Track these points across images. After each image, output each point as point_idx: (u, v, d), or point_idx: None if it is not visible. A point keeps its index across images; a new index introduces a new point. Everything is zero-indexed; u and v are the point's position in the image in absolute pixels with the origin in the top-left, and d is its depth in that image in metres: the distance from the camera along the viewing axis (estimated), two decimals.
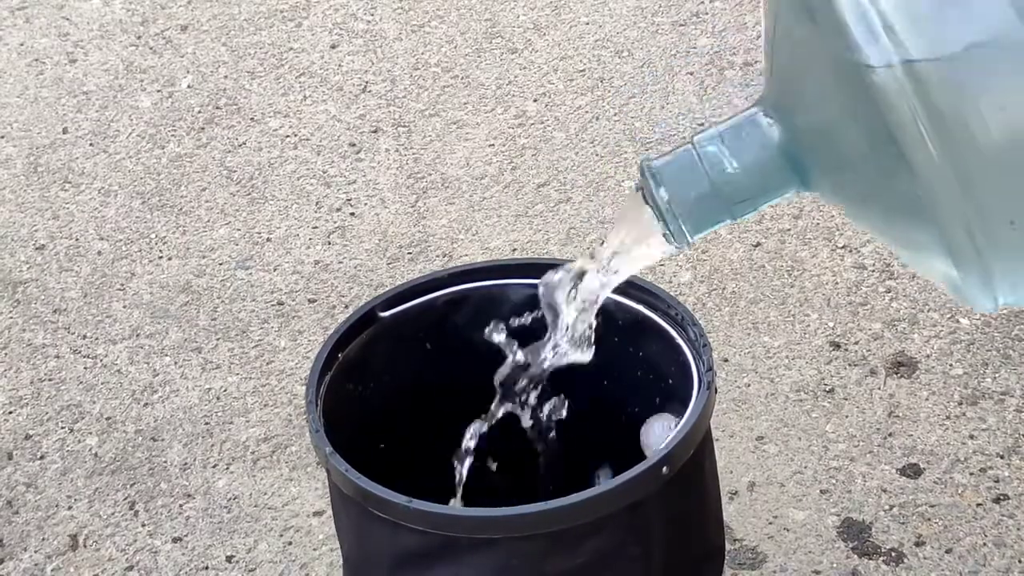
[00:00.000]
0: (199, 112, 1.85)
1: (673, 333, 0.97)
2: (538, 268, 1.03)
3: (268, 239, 1.65)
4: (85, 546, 1.33)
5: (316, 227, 1.66)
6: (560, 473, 1.04)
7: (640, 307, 1.00)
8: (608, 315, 1.01)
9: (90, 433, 1.44)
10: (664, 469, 0.87)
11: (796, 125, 0.81)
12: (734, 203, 0.84)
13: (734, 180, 0.83)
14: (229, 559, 1.30)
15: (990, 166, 0.73)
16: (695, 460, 0.90)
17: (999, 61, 0.72)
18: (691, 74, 1.82)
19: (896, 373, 1.41)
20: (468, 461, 1.00)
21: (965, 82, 0.72)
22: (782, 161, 0.82)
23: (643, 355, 1.00)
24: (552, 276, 0.93)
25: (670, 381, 0.97)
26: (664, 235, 0.85)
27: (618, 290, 1.01)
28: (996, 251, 0.75)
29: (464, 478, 1.00)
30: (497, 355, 1.04)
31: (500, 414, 1.00)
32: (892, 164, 0.74)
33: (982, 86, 0.72)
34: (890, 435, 1.35)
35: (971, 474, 1.31)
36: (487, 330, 1.00)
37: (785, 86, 0.82)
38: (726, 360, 1.44)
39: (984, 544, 1.25)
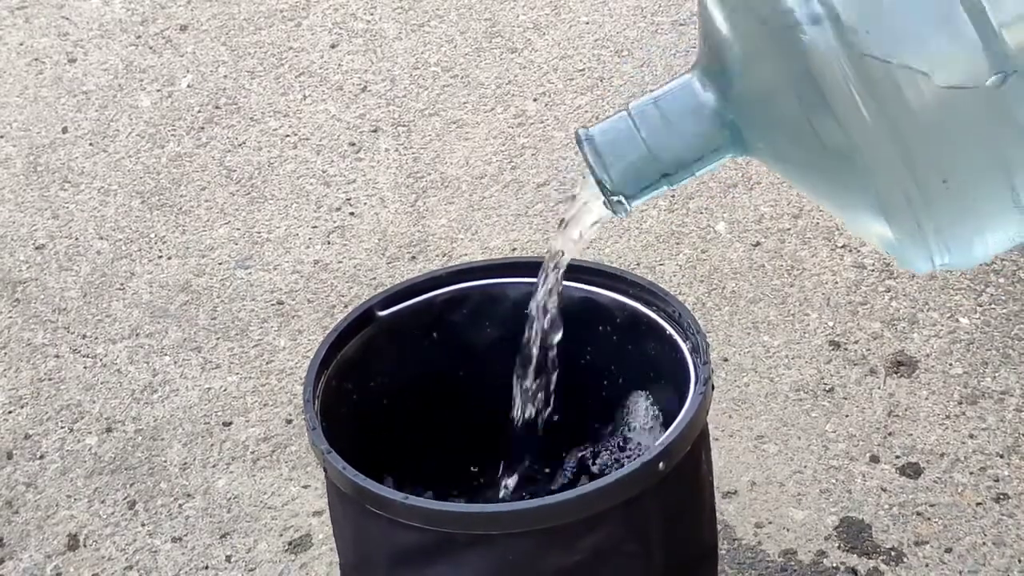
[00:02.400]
0: (199, 112, 1.85)
1: (670, 330, 0.97)
2: (536, 267, 1.03)
3: (268, 239, 1.65)
4: (85, 546, 1.33)
5: (316, 227, 1.66)
6: (557, 470, 1.04)
7: (637, 304, 1.00)
8: (606, 313, 1.01)
9: (90, 433, 1.44)
10: (661, 465, 0.87)
11: (729, 89, 0.81)
12: (671, 170, 0.83)
13: (670, 146, 0.82)
14: (229, 559, 1.30)
15: (922, 127, 0.73)
16: (692, 456, 0.90)
17: (928, 25, 0.72)
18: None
19: (896, 372, 1.41)
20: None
21: (896, 45, 0.72)
22: (717, 125, 0.82)
23: (641, 352, 1.00)
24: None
25: (668, 378, 0.97)
26: (604, 202, 0.84)
27: (616, 288, 1.01)
28: (929, 210, 0.75)
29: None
30: (495, 354, 1.04)
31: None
32: (825, 126, 0.74)
33: (913, 50, 0.72)
34: (890, 434, 1.35)
35: (971, 473, 1.31)
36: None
37: (717, 50, 0.81)
38: (726, 359, 1.44)
39: (984, 543, 1.25)
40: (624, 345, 1.01)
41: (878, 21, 0.72)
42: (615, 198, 0.83)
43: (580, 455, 1.05)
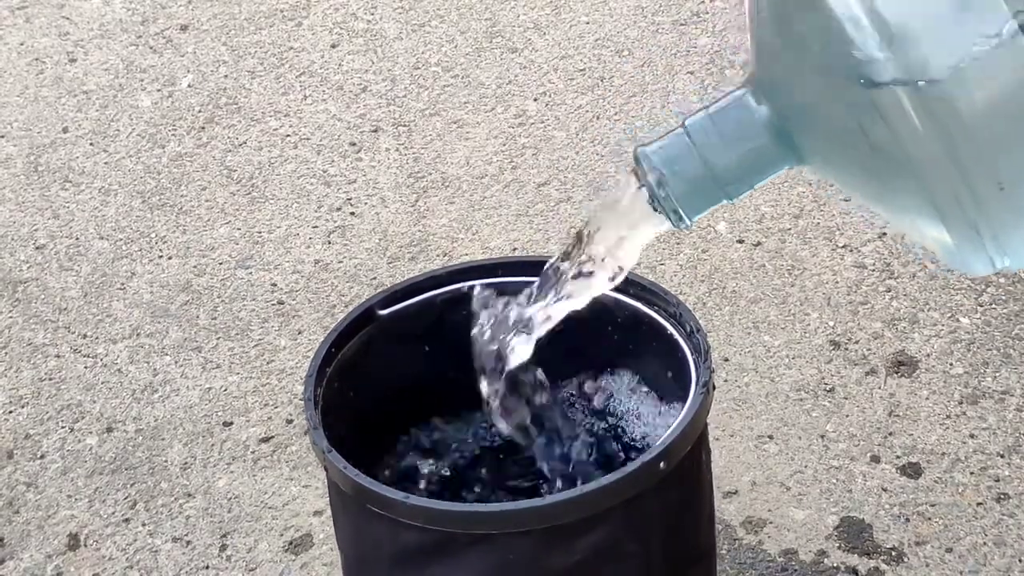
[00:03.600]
0: (199, 111, 1.85)
1: (671, 330, 0.97)
2: (536, 266, 1.03)
3: (268, 239, 1.65)
4: (85, 545, 1.33)
5: (316, 226, 1.66)
6: (557, 471, 1.04)
7: (638, 304, 1.00)
8: (607, 312, 1.01)
9: (90, 432, 1.44)
10: (661, 464, 0.87)
11: (783, 103, 0.82)
12: (729, 183, 0.84)
13: (727, 161, 0.84)
14: (229, 558, 1.30)
15: (976, 135, 0.73)
16: (692, 456, 0.90)
17: (983, 46, 0.73)
18: (691, 73, 1.82)
19: (896, 372, 1.41)
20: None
21: (948, 64, 0.73)
22: (772, 139, 0.83)
23: (641, 352, 1.00)
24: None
25: (669, 377, 0.97)
26: (661, 216, 0.85)
27: (617, 288, 1.01)
28: (986, 215, 0.75)
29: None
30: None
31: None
32: (880, 137, 0.75)
33: (967, 69, 0.73)
34: (890, 434, 1.35)
35: (971, 473, 1.31)
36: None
37: (770, 65, 0.82)
38: (726, 359, 1.44)
39: (984, 543, 1.25)
40: (625, 345, 1.01)
41: (934, 46, 0.73)
42: (675, 214, 0.84)
43: (580, 454, 1.05)
